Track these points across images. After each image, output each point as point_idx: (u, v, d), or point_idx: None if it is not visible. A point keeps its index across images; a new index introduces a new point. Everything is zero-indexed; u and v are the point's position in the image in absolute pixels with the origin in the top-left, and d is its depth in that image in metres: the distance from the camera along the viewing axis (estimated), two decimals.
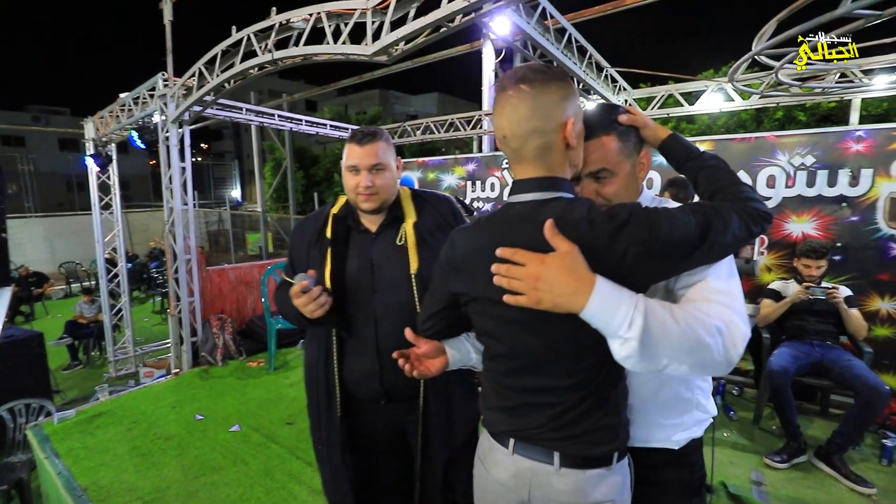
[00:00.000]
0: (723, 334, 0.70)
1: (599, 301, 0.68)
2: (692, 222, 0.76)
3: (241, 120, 4.67)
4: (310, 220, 1.52)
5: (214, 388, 3.88)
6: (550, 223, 0.73)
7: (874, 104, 5.04)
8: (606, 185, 0.92)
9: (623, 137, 0.93)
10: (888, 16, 1.63)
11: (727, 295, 0.76)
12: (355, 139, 1.35)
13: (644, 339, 0.66)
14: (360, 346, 1.40)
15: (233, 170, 28.94)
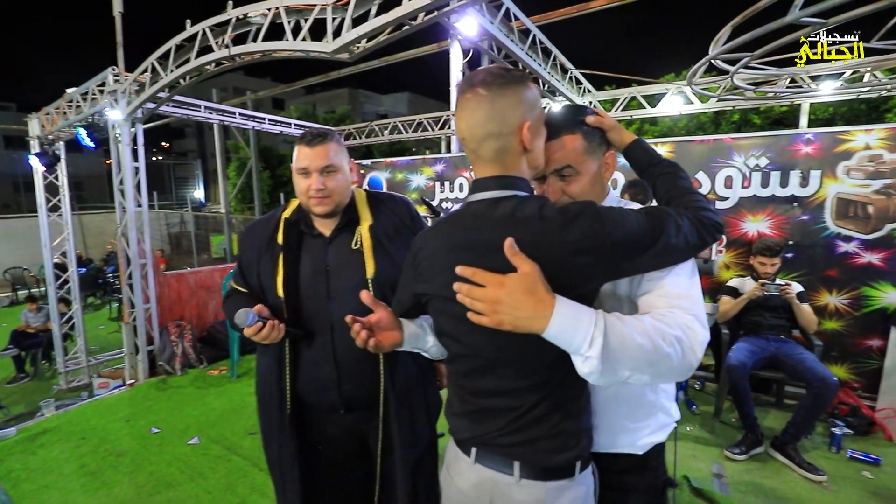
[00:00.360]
0: (682, 342, 0.71)
1: (560, 322, 0.68)
2: (646, 223, 0.77)
3: (199, 118, 4.48)
4: (259, 225, 1.45)
5: (172, 399, 3.70)
6: (510, 242, 0.71)
7: (821, 108, 5.32)
8: (571, 183, 0.92)
9: (588, 137, 0.93)
10: (832, 24, 1.70)
11: (687, 298, 0.77)
12: (305, 140, 1.30)
13: (605, 355, 0.67)
14: (316, 356, 1.35)
15: (196, 169, 27.89)
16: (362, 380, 1.35)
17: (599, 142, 0.95)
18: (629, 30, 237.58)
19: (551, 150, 0.91)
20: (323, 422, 1.43)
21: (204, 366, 4.40)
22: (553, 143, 0.91)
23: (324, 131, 1.33)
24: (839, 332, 3.34)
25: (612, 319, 0.70)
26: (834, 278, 3.32)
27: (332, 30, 2.26)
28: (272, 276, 1.36)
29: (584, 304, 0.72)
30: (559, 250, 0.75)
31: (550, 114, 0.93)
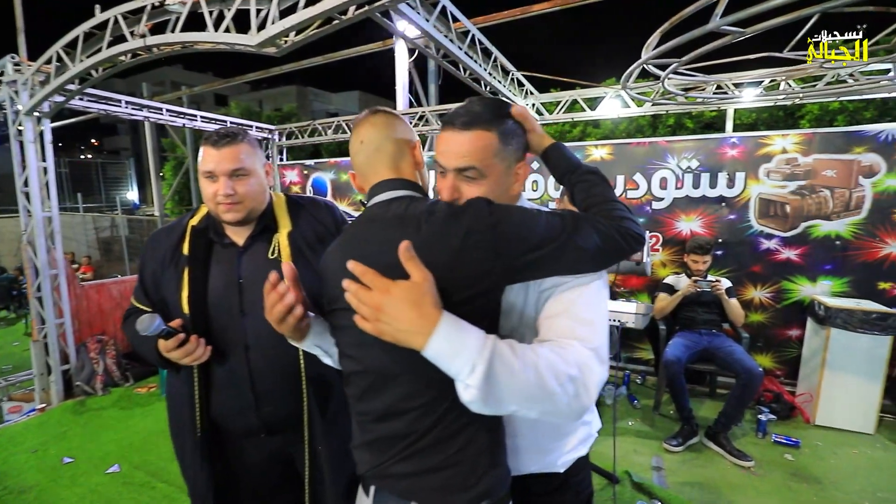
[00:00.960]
0: (576, 383, 0.65)
1: (441, 342, 0.62)
2: (551, 221, 0.74)
3: (120, 114, 4.10)
4: (163, 234, 1.31)
5: (91, 423, 3.35)
6: (406, 245, 0.66)
7: (745, 114, 5.69)
8: (472, 185, 0.82)
9: (504, 139, 0.83)
10: (750, 33, 1.77)
11: (590, 326, 0.71)
12: (210, 141, 1.18)
13: (485, 387, 0.61)
14: (229, 377, 1.23)
15: (129, 169, 25.89)
16: (284, 401, 1.24)
17: (516, 147, 0.86)
18: (573, 34, 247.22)
19: (458, 143, 0.81)
20: (242, 448, 1.30)
21: (130, 384, 4.04)
22: (462, 134, 0.81)
23: (233, 130, 1.21)
24: (763, 323, 3.57)
25: (503, 348, 0.64)
26: (758, 274, 3.54)
27: (258, 22, 2.11)
28: (176, 290, 1.22)
29: (480, 320, 0.68)
30: (446, 243, 0.72)
31: (469, 104, 0.85)
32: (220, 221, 1.25)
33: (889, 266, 3.22)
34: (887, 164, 3.15)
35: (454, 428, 0.76)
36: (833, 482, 2.51)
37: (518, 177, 0.87)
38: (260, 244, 1.27)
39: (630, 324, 1.80)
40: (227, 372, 1.22)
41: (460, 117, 0.82)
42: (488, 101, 0.86)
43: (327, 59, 6.05)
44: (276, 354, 1.21)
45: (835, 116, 5.34)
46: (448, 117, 0.84)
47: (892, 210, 3.17)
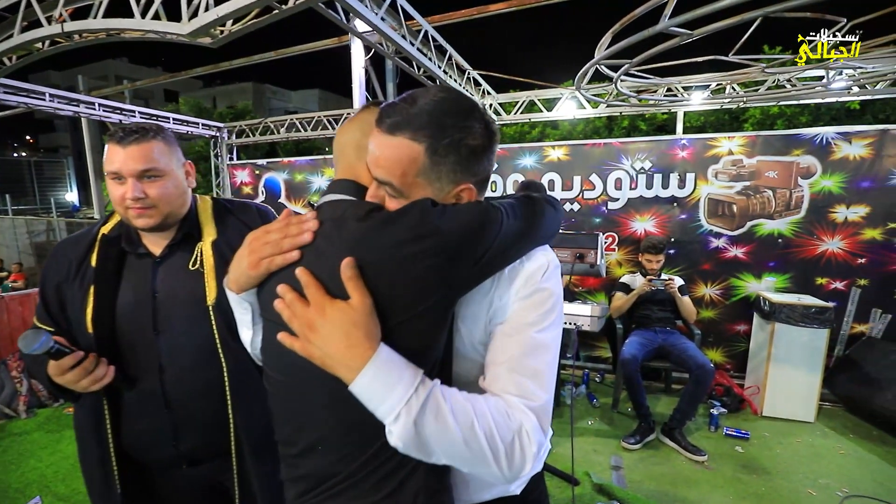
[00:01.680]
0: (512, 455, 0.59)
1: (368, 381, 0.58)
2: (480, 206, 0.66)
3: (43, 108, 3.74)
4: (69, 245, 1.15)
5: (10, 451, 3.03)
6: (350, 262, 0.60)
7: (695, 117, 5.92)
8: (393, 201, 0.69)
9: (436, 154, 0.65)
10: (696, 35, 1.79)
11: (537, 381, 0.64)
12: (115, 138, 1.03)
13: (411, 438, 0.57)
14: (142, 403, 1.09)
15: (67, 168, 24.13)
16: (206, 428, 1.12)
17: (452, 169, 0.66)
18: (531, 35, 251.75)
19: (379, 148, 0.67)
20: (163, 481, 1.17)
21: (60, 404, 3.69)
22: (385, 139, 0.66)
23: (143, 126, 1.07)
24: (714, 319, 3.69)
25: (437, 400, 0.58)
26: (708, 271, 3.66)
27: (191, 9, 1.94)
28: (81, 308, 1.07)
29: (430, 340, 0.63)
30: (386, 253, 0.62)
31: (415, 94, 0.68)
32: (135, 229, 1.11)
33: (825, 262, 3.39)
34: (822, 165, 3.33)
35: (385, 469, 0.66)
36: (780, 472, 2.61)
37: (461, 200, 0.70)
38: (180, 254, 1.14)
39: (585, 327, 1.77)
40: (139, 398, 1.09)
41: (390, 115, 0.66)
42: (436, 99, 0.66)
43: (280, 55, 5.81)
44: (196, 376, 1.09)
45: (775, 120, 5.65)
46: (382, 111, 0.68)
47: (827, 209, 3.35)
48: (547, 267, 0.70)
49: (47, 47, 2.52)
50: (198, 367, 1.09)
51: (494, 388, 0.65)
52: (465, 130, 0.66)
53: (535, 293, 0.68)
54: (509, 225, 0.66)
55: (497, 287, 0.69)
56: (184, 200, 1.13)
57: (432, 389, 0.59)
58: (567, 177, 3.88)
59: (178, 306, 1.10)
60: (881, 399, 2.97)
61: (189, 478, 1.17)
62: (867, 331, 3.39)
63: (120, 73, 27.51)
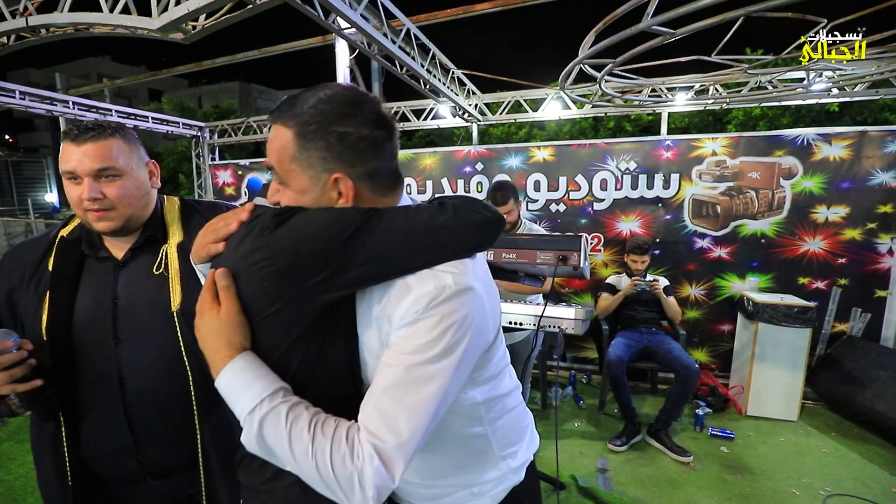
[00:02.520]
0: (351, 487, 0.58)
1: (223, 383, 0.64)
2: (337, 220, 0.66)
3: (13, 106, 3.61)
4: (25, 248, 1.10)
5: None
6: (223, 272, 0.67)
7: (679, 118, 5.97)
8: (282, 192, 0.71)
9: (303, 139, 0.65)
10: (679, 34, 1.78)
11: (398, 418, 0.60)
12: (70, 136, 0.98)
13: (255, 444, 0.62)
14: (100, 416, 1.03)
15: (47, 168, 23.53)
16: (172, 440, 1.07)
17: (324, 154, 0.66)
18: (516, 35, 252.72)
19: (270, 136, 0.70)
20: (127, 496, 1.11)
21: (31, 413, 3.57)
22: (273, 129, 0.69)
23: (101, 123, 1.02)
24: (699, 319, 3.71)
25: (279, 416, 0.60)
26: (693, 271, 3.67)
27: (161, 4, 1.87)
28: (35, 314, 1.02)
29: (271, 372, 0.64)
30: (239, 260, 0.68)
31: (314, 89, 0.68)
32: (96, 231, 1.05)
33: (807, 262, 3.43)
34: (803, 166, 3.36)
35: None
36: (764, 472, 2.61)
37: (341, 194, 0.67)
38: (143, 257, 1.08)
39: (570, 330, 1.75)
40: (98, 410, 1.03)
41: (278, 107, 0.69)
42: (322, 90, 0.67)
43: (264, 54, 5.70)
44: (159, 387, 1.04)
45: (757, 122, 5.72)
46: None
47: (809, 210, 3.38)
48: (439, 293, 0.62)
49: (13, 42, 2.42)
50: (161, 377, 1.04)
51: (360, 416, 0.62)
52: (338, 118, 0.65)
53: (418, 321, 0.62)
54: (378, 235, 0.62)
55: (387, 304, 0.65)
56: (147, 202, 1.08)
57: (278, 406, 0.61)
58: (553, 177, 3.87)
59: (140, 313, 1.04)
60: (862, 397, 3.00)
61: (155, 491, 1.11)
62: (848, 330, 3.43)
63: (102, 72, 26.97)
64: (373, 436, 0.59)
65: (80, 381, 1.02)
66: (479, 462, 0.81)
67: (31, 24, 2.15)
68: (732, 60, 2.56)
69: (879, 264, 3.32)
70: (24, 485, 2.63)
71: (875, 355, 3.14)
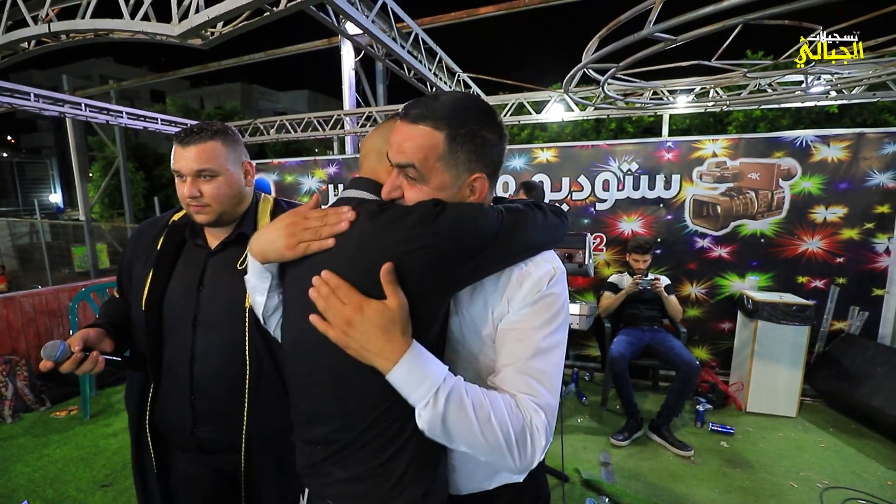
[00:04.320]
0: (524, 443, 0.67)
1: (403, 373, 0.65)
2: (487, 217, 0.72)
3: (27, 108, 3.69)
4: (148, 225, 1.26)
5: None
6: (389, 267, 0.67)
7: (680, 120, 6.03)
8: (413, 188, 0.74)
9: (454, 141, 0.71)
10: (680, 41, 1.84)
11: (542, 382, 0.70)
12: (178, 138, 1.09)
13: (437, 424, 0.65)
14: (173, 387, 1.15)
15: (51, 169, 23.66)
16: (222, 423, 1.16)
17: (469, 156, 0.73)
18: (520, 38, 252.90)
19: (403, 137, 0.73)
20: (184, 461, 1.22)
21: (46, 407, 3.64)
22: (410, 128, 0.72)
23: (203, 126, 1.11)
24: (699, 318, 3.77)
25: (460, 392, 0.66)
26: (693, 271, 3.73)
27: (181, 10, 1.95)
28: (140, 287, 1.15)
29: (422, 327, 0.70)
30: (389, 248, 0.69)
31: (434, 95, 0.75)
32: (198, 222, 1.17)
33: (806, 262, 3.49)
34: (802, 167, 3.42)
35: (381, 440, 0.74)
36: (763, 465, 2.68)
37: (475, 190, 0.76)
38: (232, 250, 1.17)
39: (574, 325, 1.82)
40: (172, 382, 1.15)
41: (414, 108, 0.73)
42: (456, 97, 0.74)
43: (270, 56, 5.79)
44: (220, 375, 1.13)
45: (757, 123, 5.79)
46: (406, 106, 0.75)
47: (807, 210, 3.44)
48: (553, 274, 0.75)
49: (33, 47, 2.49)
50: (224, 365, 1.12)
51: (506, 387, 0.71)
52: (480, 123, 0.73)
53: (541, 299, 0.73)
54: (508, 229, 0.71)
55: (506, 289, 0.74)
56: (239, 199, 1.16)
57: (457, 382, 0.66)
58: (556, 178, 3.94)
59: (218, 303, 1.14)
60: (859, 393, 3.06)
61: (202, 463, 1.22)
62: (846, 328, 3.49)
63: (104, 73, 27.05)
64: (530, 396, 0.68)
65: (164, 354, 1.13)
66: None
67: (53, 31, 2.22)
68: (732, 65, 2.63)
69: (877, 263, 3.38)
70: (42, 476, 2.70)
71: (872, 353, 3.20)
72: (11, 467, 2.83)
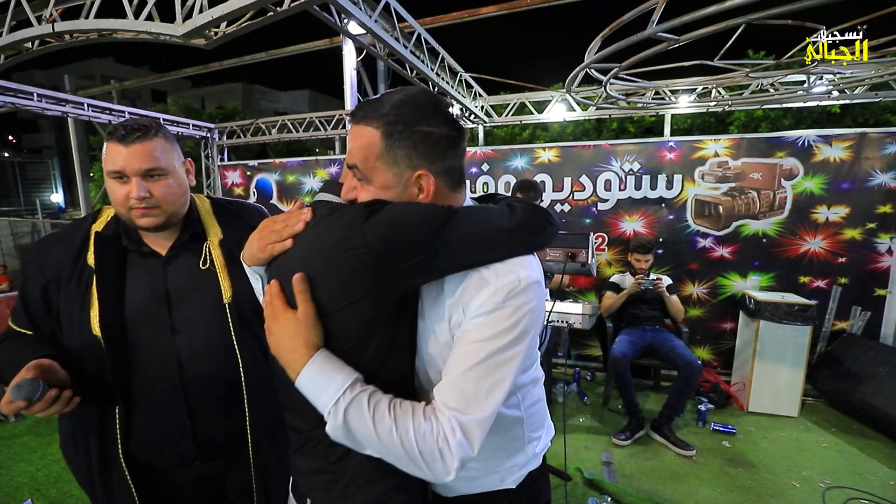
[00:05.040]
0: (433, 462, 0.64)
1: (307, 381, 0.68)
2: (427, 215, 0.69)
3: (31, 108, 3.70)
4: (54, 243, 1.11)
5: (0, 454, 2.99)
6: (300, 277, 0.71)
7: (682, 119, 6.03)
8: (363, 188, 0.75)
9: (390, 138, 0.70)
10: (683, 41, 1.84)
11: (477, 396, 0.66)
12: (117, 136, 1.01)
13: (338, 433, 0.67)
14: (160, 402, 1.09)
15: (52, 169, 23.67)
16: (225, 421, 1.14)
17: (409, 152, 0.71)
18: (521, 38, 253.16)
19: (350, 137, 0.76)
20: (172, 480, 1.17)
21: None
22: (354, 129, 0.74)
23: (144, 123, 1.05)
24: (701, 317, 3.77)
25: (361, 403, 0.65)
26: (695, 270, 3.73)
27: (185, 10, 1.95)
28: (81, 308, 1.05)
29: (368, 326, 0.70)
30: (321, 251, 0.72)
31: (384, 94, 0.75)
32: (135, 227, 1.09)
33: (808, 261, 3.49)
34: (804, 167, 3.42)
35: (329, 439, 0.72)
36: (765, 465, 2.68)
37: (422, 188, 0.73)
38: (187, 254, 1.14)
39: (577, 325, 1.82)
40: (157, 396, 1.09)
41: (359, 109, 0.74)
42: (401, 94, 0.73)
43: (271, 56, 5.79)
44: (214, 373, 1.11)
45: (759, 123, 5.78)
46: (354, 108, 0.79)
47: (809, 210, 3.44)
48: (517, 285, 0.68)
49: (37, 47, 2.50)
50: (216, 364, 1.11)
51: (439, 395, 0.68)
52: (421, 119, 0.71)
53: (496, 310, 0.68)
54: (460, 230, 0.68)
55: (462, 297, 0.70)
56: (185, 199, 1.14)
57: (358, 395, 0.66)
58: (557, 178, 3.94)
59: (193, 305, 1.11)
60: (861, 393, 3.06)
61: (197, 475, 1.18)
62: (848, 328, 3.49)
63: (106, 73, 27.07)
64: (456, 411, 0.65)
65: (137, 371, 1.07)
66: (508, 447, 0.86)
67: (57, 31, 2.23)
68: (735, 65, 2.63)
69: (879, 263, 3.38)
70: (46, 476, 2.71)
71: (874, 353, 3.20)
72: (15, 466, 2.84)
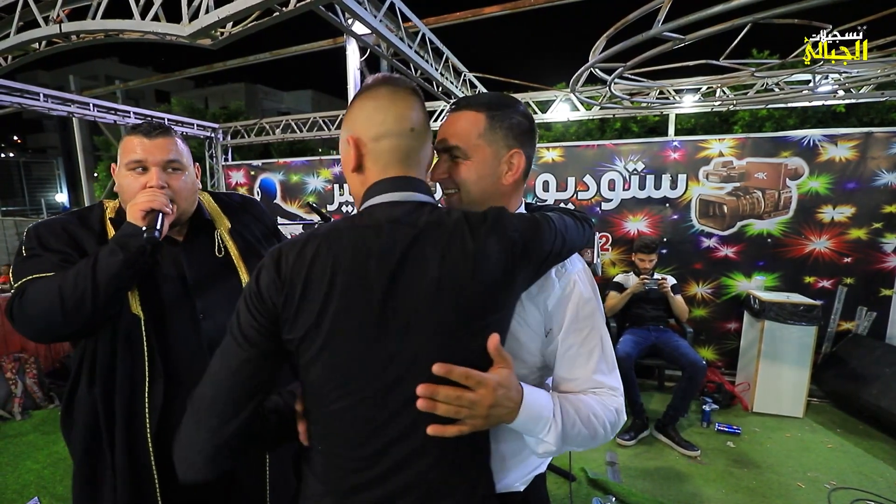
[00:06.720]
0: (613, 427, 0.78)
1: (526, 414, 0.71)
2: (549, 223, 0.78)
3: (37, 108, 3.72)
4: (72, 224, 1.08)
5: (6, 453, 3.01)
6: (496, 339, 0.69)
7: (686, 119, 6.01)
8: (459, 166, 0.83)
9: (493, 120, 0.83)
10: (689, 40, 1.84)
11: (612, 373, 0.81)
12: (141, 131, 1.07)
13: (559, 441, 0.73)
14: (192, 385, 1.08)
15: (57, 169, 23.79)
16: None
17: (507, 133, 0.83)
18: (525, 38, 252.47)
19: (449, 123, 0.86)
20: None
21: (55, 405, 3.67)
22: (454, 115, 0.86)
23: (165, 125, 1.12)
24: (705, 318, 3.76)
25: (565, 406, 0.75)
26: (700, 270, 3.73)
27: (191, 10, 1.96)
28: None
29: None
30: (490, 264, 0.70)
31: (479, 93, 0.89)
32: None
33: (813, 261, 3.48)
34: (809, 167, 3.41)
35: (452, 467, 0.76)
36: (770, 465, 2.67)
37: (511, 167, 0.84)
38: (201, 242, 1.17)
39: None
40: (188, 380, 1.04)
41: (457, 103, 0.86)
42: (496, 93, 0.90)
43: (275, 56, 5.79)
44: None
45: (763, 123, 5.76)
46: (451, 104, 0.89)
47: (814, 210, 3.43)
48: (586, 269, 0.85)
49: (44, 47, 2.52)
50: None
51: (586, 387, 0.80)
52: (513, 110, 0.85)
53: (585, 306, 0.81)
54: (558, 231, 0.78)
55: (549, 297, 0.81)
56: (195, 199, 1.17)
57: (560, 401, 0.75)
58: (561, 178, 3.94)
59: (215, 292, 1.13)
60: (867, 394, 3.04)
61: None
62: (853, 328, 3.47)
63: (110, 73, 27.22)
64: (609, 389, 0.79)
65: (170, 352, 1.07)
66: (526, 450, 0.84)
67: (64, 31, 2.24)
68: (739, 64, 2.62)
69: (885, 263, 3.36)
70: (52, 473, 2.73)
71: (880, 353, 3.18)
72: (21, 464, 2.85)
